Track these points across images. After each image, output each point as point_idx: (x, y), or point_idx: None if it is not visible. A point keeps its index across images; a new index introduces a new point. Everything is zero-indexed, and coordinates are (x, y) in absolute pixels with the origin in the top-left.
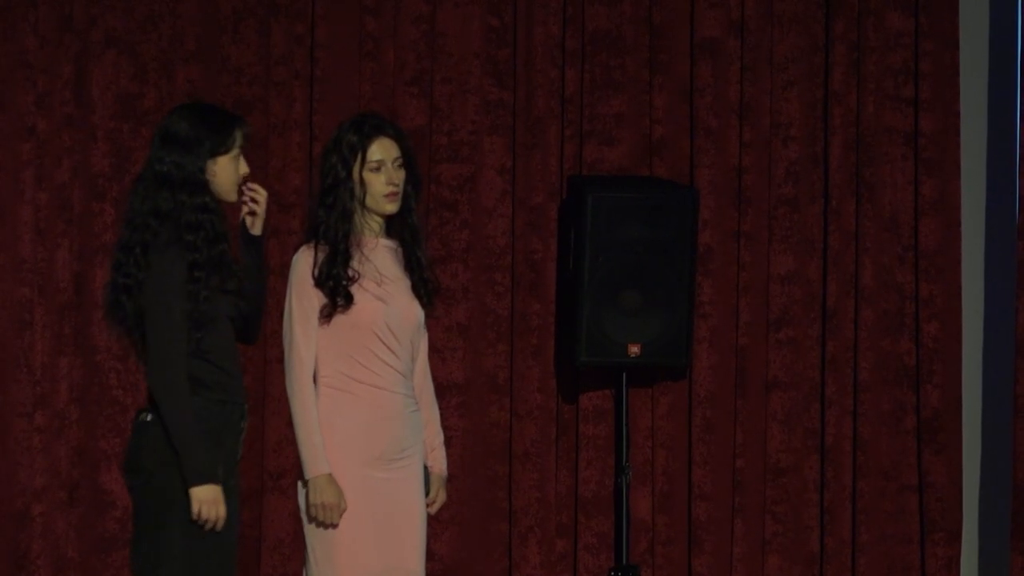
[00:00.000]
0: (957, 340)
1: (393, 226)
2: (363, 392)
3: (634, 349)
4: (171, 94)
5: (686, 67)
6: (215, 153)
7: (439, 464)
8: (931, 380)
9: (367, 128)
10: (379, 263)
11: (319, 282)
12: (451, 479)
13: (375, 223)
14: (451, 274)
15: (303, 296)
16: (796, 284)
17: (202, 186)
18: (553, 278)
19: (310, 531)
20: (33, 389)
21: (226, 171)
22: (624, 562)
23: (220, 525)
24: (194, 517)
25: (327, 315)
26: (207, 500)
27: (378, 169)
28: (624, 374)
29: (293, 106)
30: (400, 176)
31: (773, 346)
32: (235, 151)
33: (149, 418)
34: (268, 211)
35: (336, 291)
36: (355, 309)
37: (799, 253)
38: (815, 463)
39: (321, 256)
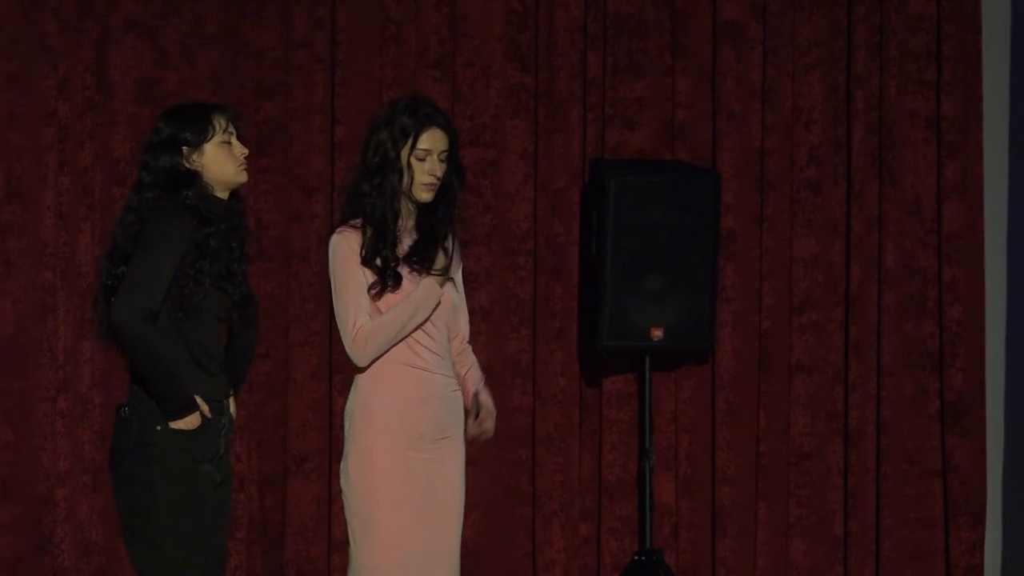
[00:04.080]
0: (980, 323)
1: (425, 212)
2: (403, 372)
3: (657, 333)
4: (192, 79)
5: (708, 51)
6: (197, 144)
7: (484, 394)
8: (954, 363)
9: (422, 115)
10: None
11: (365, 261)
12: (475, 463)
13: (412, 207)
14: (474, 258)
15: (354, 273)
16: (819, 268)
17: (189, 178)
18: (576, 262)
19: (351, 513)
20: (56, 373)
21: (215, 157)
22: (648, 546)
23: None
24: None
25: (378, 294)
26: (188, 424)
27: (423, 159)
28: (647, 358)
29: (315, 90)
30: (441, 169)
31: (796, 330)
32: (219, 136)
33: (126, 412)
34: (290, 196)
35: (385, 272)
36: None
37: (822, 237)
38: (839, 447)
39: (368, 235)
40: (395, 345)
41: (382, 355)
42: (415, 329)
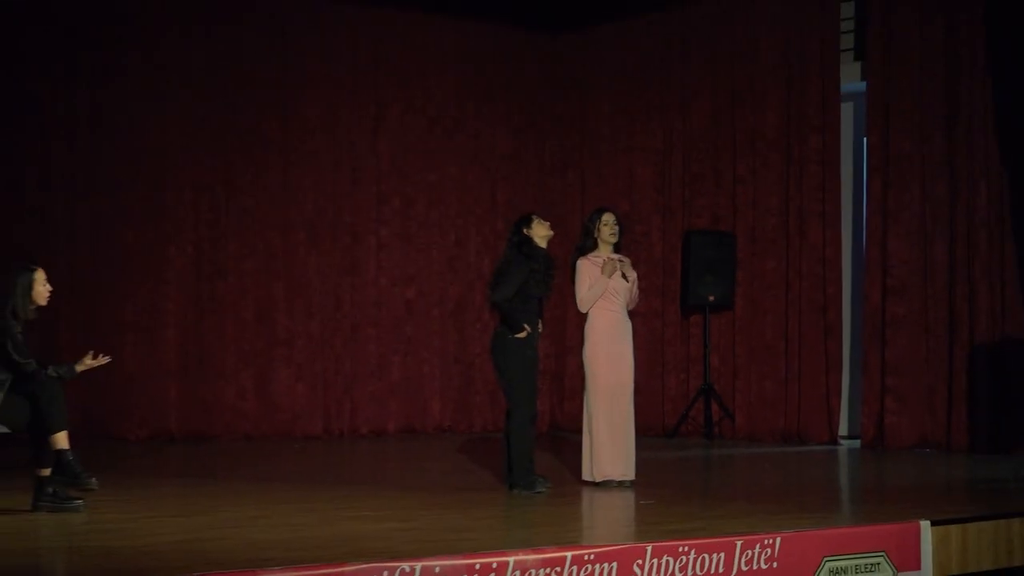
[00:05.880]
0: None
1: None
2: (607, 314)
3: (712, 298)
4: (525, 202)
5: (731, 186)
6: (528, 225)
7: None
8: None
9: (601, 210)
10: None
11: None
12: (638, 350)
13: (608, 247)
14: (640, 273)
15: (587, 275)
16: (776, 274)
17: (528, 240)
18: (679, 271)
19: (586, 367)
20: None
21: (537, 227)
22: (707, 382)
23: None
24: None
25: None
26: (521, 335)
27: (607, 224)
28: (707, 308)
29: (575, 203)
30: (616, 229)
31: (769, 298)
32: (537, 219)
33: (499, 330)
34: (566, 245)
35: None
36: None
37: (778, 261)
38: (799, 345)
39: (590, 260)
40: (598, 301)
41: (600, 307)
42: (601, 292)
